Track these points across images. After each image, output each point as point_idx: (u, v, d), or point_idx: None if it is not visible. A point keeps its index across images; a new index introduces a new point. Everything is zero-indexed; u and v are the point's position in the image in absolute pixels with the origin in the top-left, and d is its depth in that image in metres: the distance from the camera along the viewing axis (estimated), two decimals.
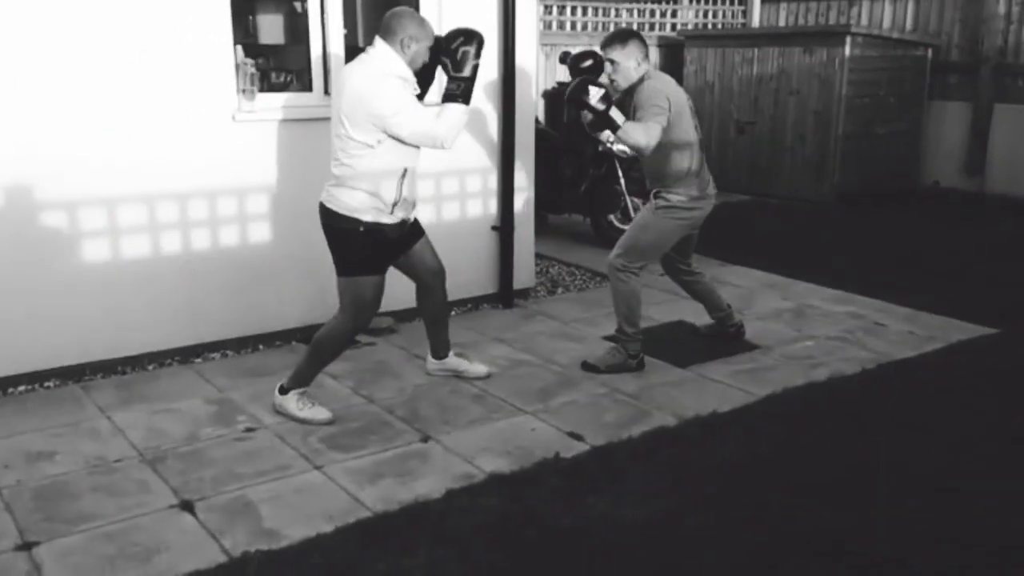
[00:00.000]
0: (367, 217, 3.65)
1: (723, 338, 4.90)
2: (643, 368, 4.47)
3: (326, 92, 4.74)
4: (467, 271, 5.44)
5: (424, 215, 5.16)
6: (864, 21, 9.75)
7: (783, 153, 9.05)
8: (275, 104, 4.61)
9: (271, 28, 5.84)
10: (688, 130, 4.26)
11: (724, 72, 9.51)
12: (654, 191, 4.39)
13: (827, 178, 8.71)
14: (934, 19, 9.27)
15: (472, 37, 3.68)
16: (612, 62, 4.18)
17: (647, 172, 4.47)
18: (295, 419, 3.82)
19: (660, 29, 10.45)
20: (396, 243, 3.84)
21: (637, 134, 4.03)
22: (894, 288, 5.87)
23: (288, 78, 5.65)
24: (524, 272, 5.69)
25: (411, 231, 3.97)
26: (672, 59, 10.11)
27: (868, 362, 4.63)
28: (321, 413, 3.84)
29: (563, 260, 6.74)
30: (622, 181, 6.94)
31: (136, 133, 4.20)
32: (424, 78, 3.84)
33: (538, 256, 6.69)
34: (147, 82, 4.18)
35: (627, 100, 4.23)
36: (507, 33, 5.18)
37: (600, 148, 6.96)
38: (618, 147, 6.96)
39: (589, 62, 4.34)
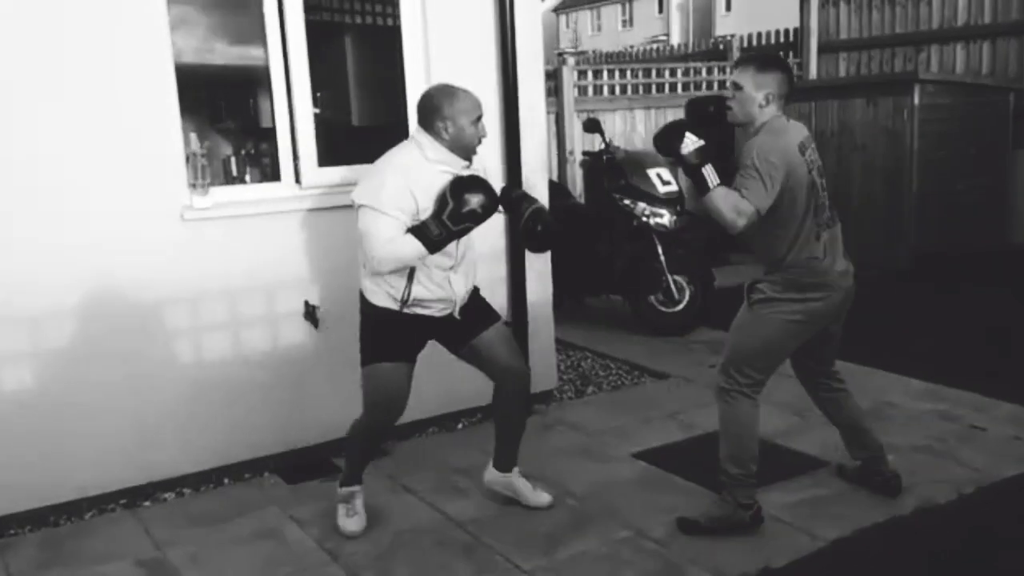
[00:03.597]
0: (376, 300, 3.30)
1: (868, 486, 3.66)
2: (761, 522, 3.36)
3: (297, 180, 4.11)
4: (475, 376, 4.66)
5: None
6: (934, 67, 8.85)
7: (850, 215, 8.06)
8: (235, 198, 4.00)
9: (267, 110, 5.32)
10: (798, 207, 3.19)
11: None
12: (749, 282, 3.39)
13: (902, 242, 7.73)
14: (1013, 61, 8.32)
15: (489, 208, 3.17)
16: (737, 86, 3.24)
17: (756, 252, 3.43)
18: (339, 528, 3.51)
19: (708, 88, 9.72)
20: (423, 328, 3.37)
21: (726, 207, 3.07)
22: (992, 377, 4.88)
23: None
24: (543, 372, 4.89)
25: (473, 316, 3.45)
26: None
27: (965, 483, 3.68)
28: (354, 525, 3.48)
29: (597, 351, 5.93)
30: (662, 258, 6.14)
31: (63, 238, 3.60)
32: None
33: (568, 347, 5.93)
34: (80, 179, 3.60)
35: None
36: (507, 85, 4.47)
37: (635, 222, 6.20)
38: (655, 220, 6.19)
39: (711, 108, 3.37)
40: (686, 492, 3.75)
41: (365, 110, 5.01)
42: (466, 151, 3.26)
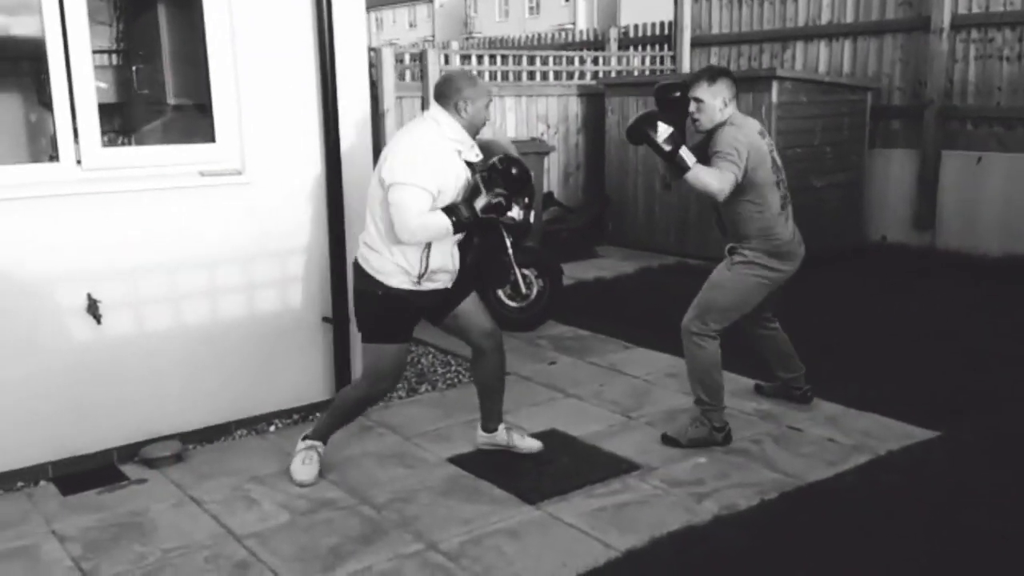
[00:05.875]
0: (392, 281, 3.49)
1: (786, 398, 4.55)
2: (730, 441, 4.04)
3: (78, 161, 3.76)
4: (291, 375, 4.43)
5: (233, 308, 4.20)
6: (799, 65, 8.95)
7: (711, 210, 8.12)
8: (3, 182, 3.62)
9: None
10: (766, 181, 3.93)
11: None
12: (729, 246, 4.07)
13: None
14: (873, 60, 8.47)
15: (509, 203, 3.44)
16: (697, 100, 3.89)
17: (726, 226, 4.11)
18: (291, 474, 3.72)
19: (581, 78, 9.62)
20: (423, 311, 3.64)
21: (710, 178, 3.75)
22: (821, 376, 4.85)
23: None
24: None
25: (455, 291, 3.68)
26: (593, 109, 9.27)
27: (770, 488, 3.63)
28: (305, 474, 3.67)
29: (440, 347, 5.71)
30: (510, 252, 5.97)
31: None
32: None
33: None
34: None
35: (707, 143, 3.93)
36: (325, 66, 4.21)
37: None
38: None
39: (677, 94, 3.94)
40: (493, 500, 3.59)
41: (181, 87, 4.66)
42: (477, 131, 3.51)
